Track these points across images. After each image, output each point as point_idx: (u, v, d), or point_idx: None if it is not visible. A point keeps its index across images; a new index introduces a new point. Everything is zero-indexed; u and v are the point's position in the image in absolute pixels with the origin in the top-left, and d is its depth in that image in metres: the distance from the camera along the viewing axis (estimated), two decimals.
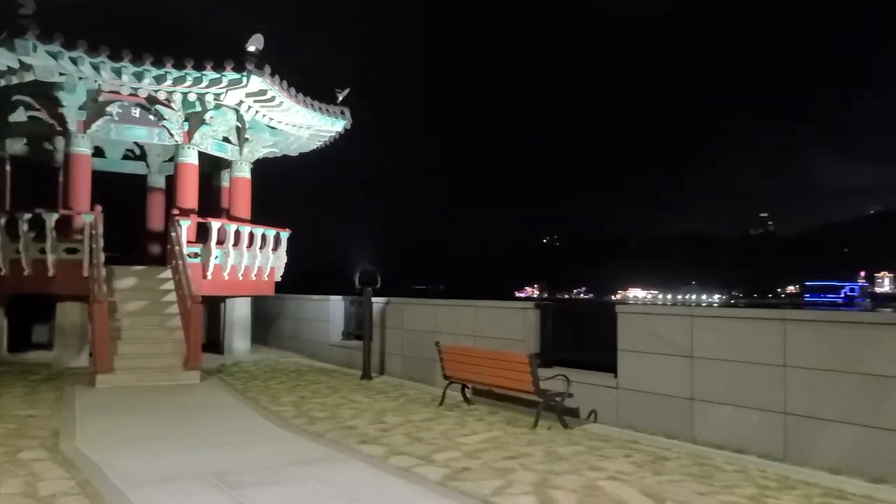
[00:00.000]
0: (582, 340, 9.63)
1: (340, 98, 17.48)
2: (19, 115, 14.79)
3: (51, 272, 13.40)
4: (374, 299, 13.27)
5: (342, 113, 17.46)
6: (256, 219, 17.24)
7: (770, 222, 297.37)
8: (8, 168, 15.81)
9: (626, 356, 8.44)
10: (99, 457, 6.47)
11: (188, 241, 14.62)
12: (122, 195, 19.23)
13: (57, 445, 7.00)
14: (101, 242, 13.38)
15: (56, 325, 14.16)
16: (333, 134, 18.15)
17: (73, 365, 13.33)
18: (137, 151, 18.51)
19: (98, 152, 17.69)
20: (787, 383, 6.75)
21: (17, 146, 16.07)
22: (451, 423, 8.36)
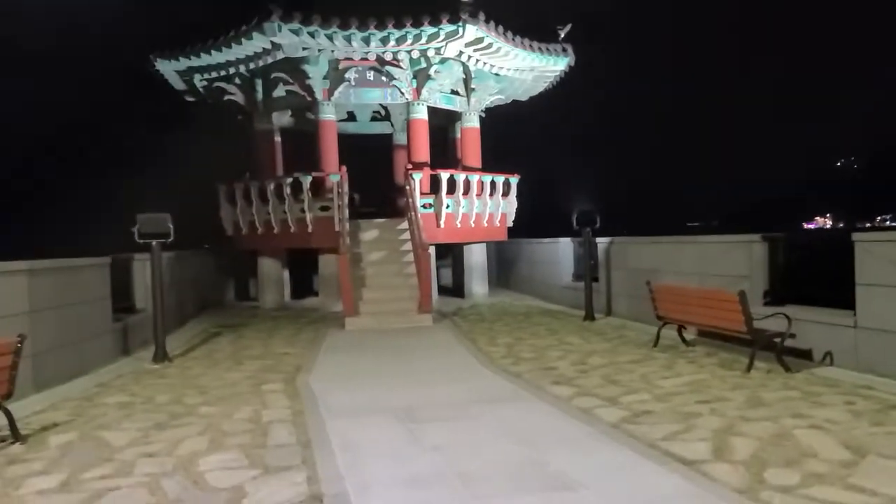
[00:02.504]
0: (817, 275, 8.42)
1: (562, 35, 16.97)
2: (280, 91, 16.82)
3: (310, 228, 15.18)
4: (599, 240, 12.99)
5: (564, 50, 16.93)
6: (488, 166, 17.65)
7: None
8: (278, 139, 18.03)
9: (866, 291, 7.20)
10: (319, 390, 7.30)
11: (422, 193, 15.49)
12: (373, 154, 21.01)
13: (294, 380, 7.99)
14: (346, 200, 14.76)
15: (319, 274, 16.10)
16: (558, 73, 17.73)
17: (334, 310, 14.99)
18: (383, 112, 19.90)
19: (351, 116, 19.50)
20: None
21: (283, 119, 18.23)
22: (656, 366, 7.93)
